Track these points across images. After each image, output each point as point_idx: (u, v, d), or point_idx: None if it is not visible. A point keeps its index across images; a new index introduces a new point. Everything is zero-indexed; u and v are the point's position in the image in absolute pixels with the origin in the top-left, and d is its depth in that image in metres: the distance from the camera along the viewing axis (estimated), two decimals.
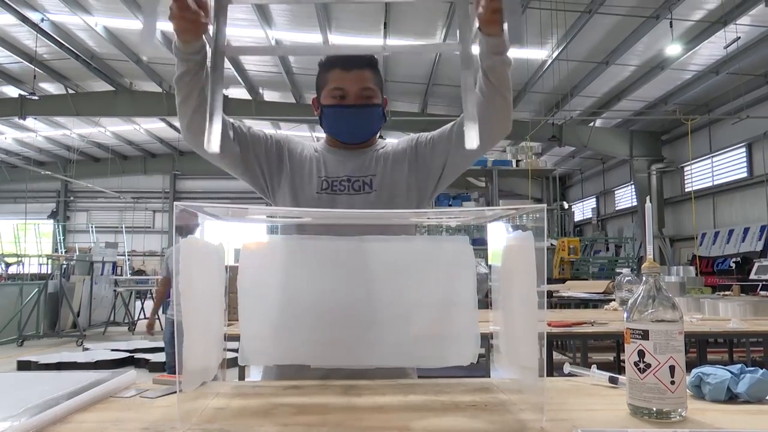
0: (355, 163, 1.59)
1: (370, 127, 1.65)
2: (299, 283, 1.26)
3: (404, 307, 1.26)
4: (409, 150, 1.65)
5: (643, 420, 0.91)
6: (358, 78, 1.58)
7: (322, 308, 1.25)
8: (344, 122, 1.62)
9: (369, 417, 0.96)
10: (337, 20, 9.59)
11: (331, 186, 1.55)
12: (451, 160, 1.60)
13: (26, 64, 11.70)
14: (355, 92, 1.58)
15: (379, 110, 1.64)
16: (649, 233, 1.01)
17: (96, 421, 0.93)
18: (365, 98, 1.59)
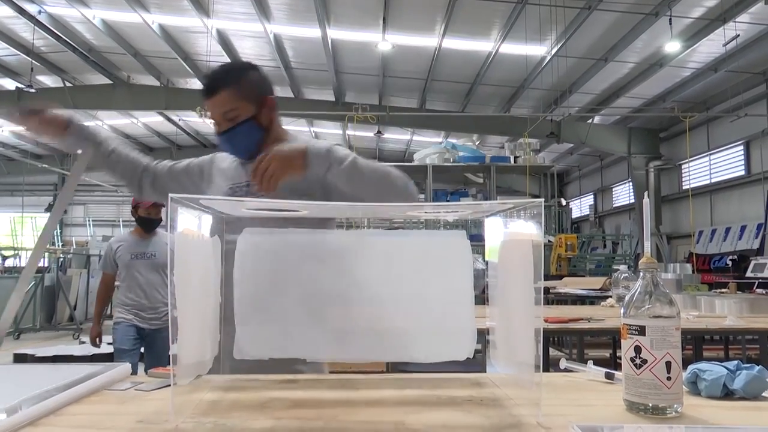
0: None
1: (247, 144, 1.63)
2: (295, 276, 1.25)
3: (401, 301, 1.26)
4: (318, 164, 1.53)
5: (639, 416, 0.91)
6: (217, 103, 1.58)
7: (318, 302, 1.25)
8: (226, 146, 1.64)
9: (364, 411, 0.96)
10: (335, 15, 9.56)
11: (234, 193, 1.61)
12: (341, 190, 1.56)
13: (23, 57, 11.63)
14: (218, 119, 1.59)
15: (249, 125, 1.61)
16: (647, 229, 1.00)
17: (90, 414, 0.93)
18: (229, 121, 1.58)
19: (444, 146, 12.68)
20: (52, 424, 0.87)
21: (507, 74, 11.56)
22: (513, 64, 10.97)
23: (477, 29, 9.74)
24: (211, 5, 9.35)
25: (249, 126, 1.61)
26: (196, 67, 12.31)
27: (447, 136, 15.32)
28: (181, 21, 10.27)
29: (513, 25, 9.28)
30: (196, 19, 9.83)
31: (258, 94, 1.65)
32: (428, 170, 12.00)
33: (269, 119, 1.67)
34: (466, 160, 12.48)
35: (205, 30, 10.22)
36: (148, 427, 0.86)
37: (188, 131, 18.16)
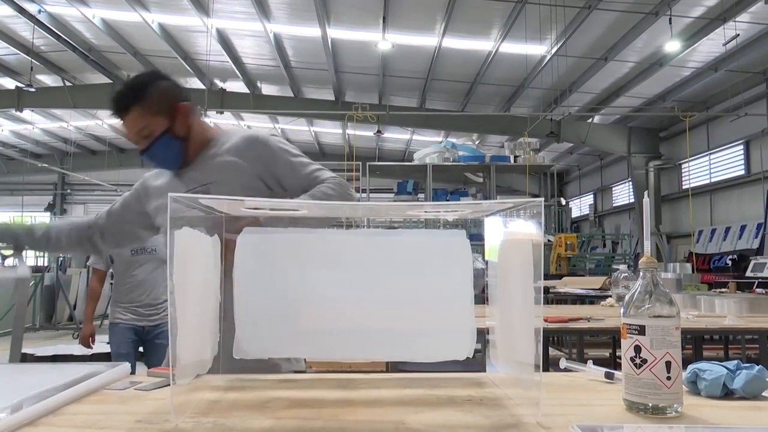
0: (191, 175, 1.65)
1: (170, 157, 1.64)
2: (295, 275, 1.25)
3: (400, 301, 1.25)
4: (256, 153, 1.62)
5: (639, 415, 0.91)
6: (129, 123, 1.58)
7: (318, 301, 1.25)
8: (152, 162, 1.65)
9: (364, 411, 0.96)
10: (335, 14, 9.56)
11: None
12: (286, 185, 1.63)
13: (23, 56, 11.62)
14: (134, 138, 1.60)
15: (167, 138, 1.60)
16: (647, 228, 1.00)
17: (89, 413, 0.93)
18: (145, 138, 1.58)
19: (444, 145, 12.67)
20: (51, 424, 0.86)
21: (507, 73, 11.56)
22: (513, 64, 10.96)
23: (477, 28, 9.73)
24: (211, 4, 9.34)
25: (166, 139, 1.60)
26: (196, 67, 12.31)
27: (447, 135, 15.32)
28: (180, 20, 10.26)
29: (513, 25, 9.27)
30: (196, 18, 9.83)
31: (168, 104, 1.62)
32: (428, 170, 12.00)
33: (185, 126, 1.64)
34: (466, 160, 12.48)
35: (205, 29, 10.21)
36: (148, 426, 0.85)
37: None
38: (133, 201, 1.78)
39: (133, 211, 1.78)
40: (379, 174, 14.17)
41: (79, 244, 1.81)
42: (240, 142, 1.66)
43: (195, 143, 1.67)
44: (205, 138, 1.69)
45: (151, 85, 1.60)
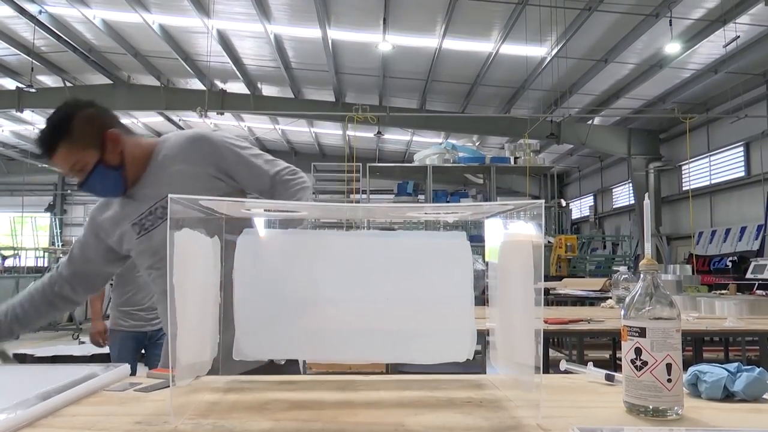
0: (143, 193, 1.60)
1: (108, 186, 1.59)
2: (296, 277, 1.25)
3: (400, 302, 1.25)
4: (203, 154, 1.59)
5: (640, 418, 0.90)
6: (59, 161, 1.53)
7: (318, 303, 1.24)
8: (91, 193, 1.60)
9: (364, 413, 0.96)
10: (336, 15, 9.56)
11: (143, 227, 1.58)
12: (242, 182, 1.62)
13: (24, 57, 11.63)
14: (67, 174, 1.58)
15: (100, 169, 1.55)
16: (647, 230, 1.00)
17: (88, 415, 0.93)
18: (80, 172, 1.54)
19: (444, 147, 12.68)
20: (50, 425, 0.86)
21: (507, 75, 11.56)
22: (513, 65, 10.96)
23: (477, 30, 9.74)
24: (212, 5, 9.35)
25: (101, 170, 1.55)
26: (197, 68, 12.31)
27: (447, 136, 15.32)
28: (181, 21, 10.27)
29: (513, 26, 9.27)
30: (197, 19, 9.83)
31: (95, 135, 1.55)
32: (428, 171, 12.01)
33: (118, 152, 1.57)
34: (466, 161, 12.49)
35: (206, 30, 10.22)
36: (147, 428, 0.85)
37: None
38: (91, 240, 1.70)
39: (94, 250, 1.70)
40: (380, 175, 14.19)
41: (51, 306, 1.70)
42: (183, 145, 1.61)
43: (134, 164, 1.60)
44: (143, 154, 1.62)
45: (74, 119, 1.53)
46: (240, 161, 1.60)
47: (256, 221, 1.27)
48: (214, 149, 1.59)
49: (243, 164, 1.60)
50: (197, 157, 1.58)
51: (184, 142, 1.61)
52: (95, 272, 1.73)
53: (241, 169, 1.60)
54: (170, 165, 1.58)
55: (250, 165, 1.61)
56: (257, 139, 18.71)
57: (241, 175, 1.60)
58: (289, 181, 1.63)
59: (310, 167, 14.54)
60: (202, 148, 1.59)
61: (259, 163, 1.63)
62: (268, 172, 1.62)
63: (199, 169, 1.56)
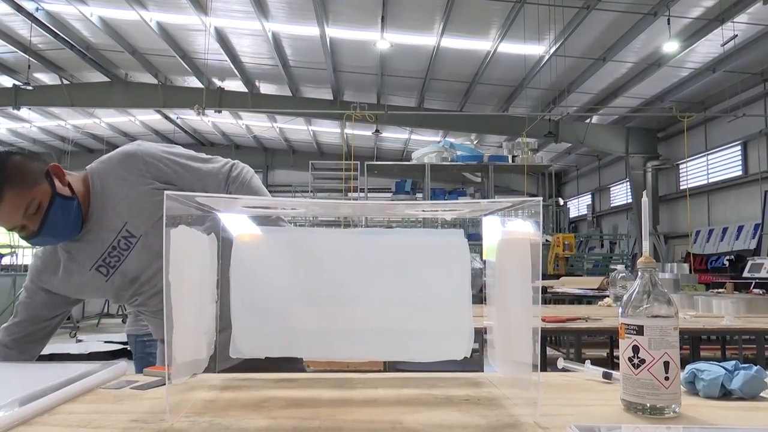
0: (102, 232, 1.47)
1: (69, 223, 1.41)
2: (293, 275, 1.25)
3: (398, 300, 1.25)
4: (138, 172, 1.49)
5: (637, 416, 0.90)
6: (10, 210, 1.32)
7: (315, 301, 1.24)
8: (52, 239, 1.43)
9: (361, 410, 0.95)
10: (334, 13, 9.55)
11: (109, 266, 1.48)
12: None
13: (21, 54, 11.60)
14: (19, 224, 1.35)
15: (59, 201, 1.38)
16: (646, 228, 1.00)
17: (84, 413, 0.92)
18: (33, 215, 1.35)
19: (442, 145, 12.69)
20: (46, 423, 0.86)
21: (505, 73, 11.56)
22: (511, 64, 10.97)
23: (475, 28, 9.73)
24: (210, 3, 9.33)
25: (59, 203, 1.38)
26: (194, 65, 12.29)
27: (445, 135, 15.33)
28: (179, 19, 10.25)
29: (511, 25, 9.27)
30: (194, 16, 9.81)
31: (39, 170, 1.39)
32: (426, 169, 12.01)
33: (66, 184, 1.43)
34: (464, 159, 12.49)
35: (203, 28, 10.20)
36: (143, 426, 0.85)
37: (186, 129, 18.13)
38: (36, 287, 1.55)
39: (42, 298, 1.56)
40: (377, 173, 14.19)
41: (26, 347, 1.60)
42: (117, 169, 1.49)
43: (81, 199, 1.45)
44: (83, 189, 1.48)
45: (8, 161, 1.34)
46: (178, 168, 1.51)
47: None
48: (148, 164, 1.49)
49: (183, 171, 1.52)
50: (134, 176, 1.47)
51: (117, 166, 1.49)
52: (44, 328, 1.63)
53: (184, 176, 1.51)
54: (113, 193, 1.47)
55: (191, 170, 1.52)
56: (255, 138, 18.70)
57: (184, 182, 1.50)
58: (238, 175, 1.56)
59: (308, 165, 14.54)
60: (136, 166, 1.48)
61: (198, 166, 1.54)
62: (211, 172, 1.54)
63: (142, 187, 1.46)
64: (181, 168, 1.51)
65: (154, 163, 1.49)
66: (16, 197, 1.31)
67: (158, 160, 1.49)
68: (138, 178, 1.47)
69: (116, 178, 1.48)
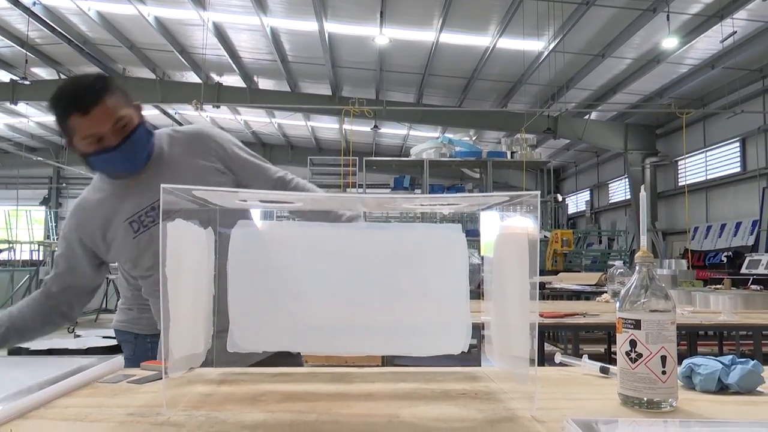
0: (150, 186, 1.46)
1: (144, 152, 1.48)
2: (291, 269, 1.24)
3: (396, 294, 1.25)
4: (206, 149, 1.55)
5: (634, 410, 0.90)
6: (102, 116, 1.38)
7: (313, 295, 1.24)
8: (119, 163, 1.45)
9: (358, 405, 0.95)
10: (333, 8, 9.53)
11: (141, 224, 1.48)
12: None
13: (18, 49, 11.56)
14: (109, 131, 1.40)
15: (141, 130, 1.46)
16: (644, 222, 1.00)
17: (80, 406, 0.92)
18: (122, 130, 1.41)
19: (441, 141, 12.70)
20: (42, 417, 0.86)
21: (504, 69, 11.55)
22: (510, 60, 10.95)
23: (474, 24, 9.71)
24: None
25: (140, 132, 1.44)
26: (193, 60, 12.26)
27: (444, 130, 15.31)
28: (177, 13, 10.21)
29: (511, 20, 9.26)
30: (192, 11, 9.78)
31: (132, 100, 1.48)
32: (425, 165, 12.02)
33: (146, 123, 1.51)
34: (463, 155, 12.50)
35: (202, 23, 10.17)
36: (140, 419, 0.85)
37: (184, 125, 18.09)
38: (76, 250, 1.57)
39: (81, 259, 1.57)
40: (376, 169, 14.19)
41: (48, 321, 1.59)
42: (189, 139, 1.56)
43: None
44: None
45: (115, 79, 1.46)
46: (241, 159, 1.59)
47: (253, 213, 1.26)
48: (219, 146, 1.56)
49: (244, 163, 1.59)
50: (203, 151, 1.53)
51: (189, 137, 1.57)
52: (84, 284, 1.64)
53: (248, 168, 1.58)
54: (176, 160, 1.52)
55: (251, 164, 1.60)
56: (254, 133, 18.66)
57: (242, 174, 1.57)
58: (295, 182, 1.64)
59: (306, 161, 14.53)
60: (207, 143, 1.55)
61: (258, 163, 1.63)
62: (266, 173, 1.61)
63: (207, 163, 1.52)
64: (243, 160, 1.58)
65: (223, 146, 1.56)
66: (112, 106, 1.39)
67: (227, 145, 1.57)
68: (205, 154, 1.53)
69: (185, 148, 1.54)
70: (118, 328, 2.90)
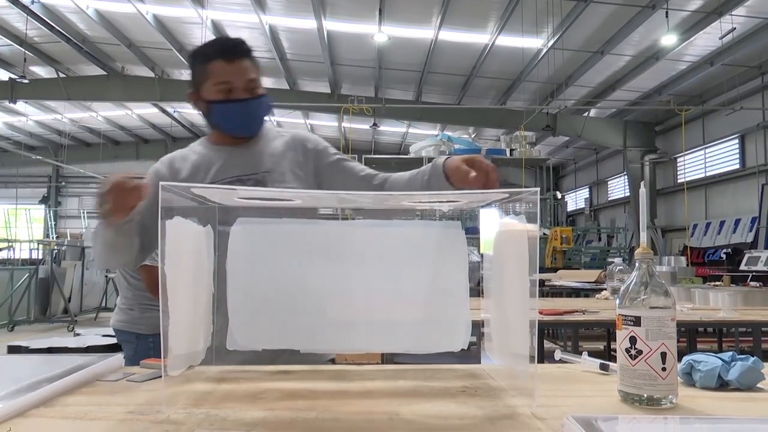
0: (244, 160, 1.54)
1: (260, 119, 1.57)
2: (290, 266, 1.24)
3: (395, 292, 1.25)
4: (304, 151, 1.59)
5: (634, 407, 0.90)
6: (242, 69, 1.49)
7: (312, 293, 1.24)
8: (236, 117, 1.52)
9: (358, 402, 0.95)
10: (331, 6, 9.52)
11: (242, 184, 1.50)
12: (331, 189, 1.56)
13: (16, 47, 11.53)
14: (242, 85, 1.49)
15: (266, 100, 1.56)
16: (644, 219, 0.99)
17: (80, 405, 0.92)
18: (252, 90, 1.50)
19: (440, 139, 12.70)
20: (42, 415, 0.86)
21: (503, 67, 11.54)
22: (509, 57, 10.94)
23: (473, 21, 9.70)
24: None
25: (265, 101, 1.55)
26: None
27: (443, 128, 15.30)
28: (175, 11, 10.20)
29: (509, 18, 9.25)
30: (191, 9, 9.76)
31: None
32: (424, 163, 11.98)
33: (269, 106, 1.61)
34: (462, 153, 12.47)
35: (200, 21, 10.15)
36: (140, 417, 0.85)
37: (183, 123, 18.07)
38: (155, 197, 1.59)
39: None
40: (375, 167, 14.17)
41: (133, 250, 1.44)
42: (293, 138, 1.61)
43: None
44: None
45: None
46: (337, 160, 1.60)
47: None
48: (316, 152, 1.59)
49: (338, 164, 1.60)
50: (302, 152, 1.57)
51: (294, 137, 1.62)
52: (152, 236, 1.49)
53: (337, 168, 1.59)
54: (280, 149, 1.57)
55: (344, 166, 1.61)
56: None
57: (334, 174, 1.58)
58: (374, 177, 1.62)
59: None
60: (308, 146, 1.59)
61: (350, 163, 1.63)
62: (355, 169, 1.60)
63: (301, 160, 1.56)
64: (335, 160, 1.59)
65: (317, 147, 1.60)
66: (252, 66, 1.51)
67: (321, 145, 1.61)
68: (305, 152, 1.57)
69: (288, 142, 1.59)
70: (119, 327, 2.84)
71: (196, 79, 1.53)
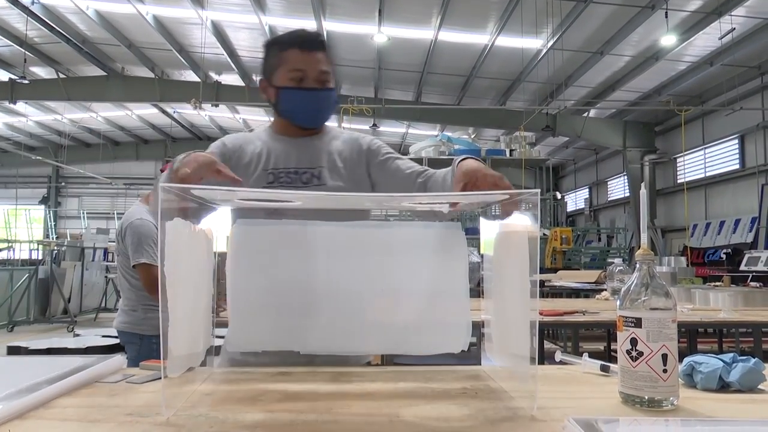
0: (303, 153, 1.54)
1: (327, 112, 1.58)
2: (289, 268, 1.24)
3: (396, 293, 1.24)
4: (359, 151, 1.59)
5: (635, 408, 0.90)
6: (316, 60, 1.50)
7: (313, 294, 1.23)
8: (304, 106, 1.54)
9: (358, 404, 0.95)
10: (331, 6, 9.51)
11: (277, 179, 1.50)
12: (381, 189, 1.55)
13: (16, 48, 11.52)
14: (314, 75, 1.50)
15: (334, 94, 1.57)
16: (644, 220, 0.99)
17: (80, 406, 0.92)
18: (323, 82, 1.52)
19: (439, 139, 12.69)
20: (41, 417, 0.85)
21: (503, 67, 11.54)
22: (509, 57, 10.94)
23: (473, 22, 9.70)
24: None
25: (334, 95, 1.56)
26: (191, 59, 12.24)
27: (443, 129, 15.30)
28: (175, 12, 10.20)
29: (509, 18, 9.24)
30: (191, 10, 9.76)
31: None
32: (424, 163, 11.97)
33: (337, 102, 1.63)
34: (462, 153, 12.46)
35: (200, 21, 10.15)
36: (139, 419, 0.84)
37: (183, 123, 18.07)
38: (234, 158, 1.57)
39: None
40: None
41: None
42: (349, 136, 1.63)
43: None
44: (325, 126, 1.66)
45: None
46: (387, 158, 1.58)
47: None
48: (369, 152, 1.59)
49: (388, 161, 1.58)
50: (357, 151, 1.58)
51: (351, 136, 1.64)
52: None
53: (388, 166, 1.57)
54: (338, 147, 1.57)
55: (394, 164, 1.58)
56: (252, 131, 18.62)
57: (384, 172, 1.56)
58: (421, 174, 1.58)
59: None
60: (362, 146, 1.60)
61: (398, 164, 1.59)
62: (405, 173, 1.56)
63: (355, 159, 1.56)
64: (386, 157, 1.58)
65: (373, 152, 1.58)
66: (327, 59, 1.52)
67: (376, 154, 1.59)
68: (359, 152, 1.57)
69: (346, 141, 1.59)
70: (122, 329, 2.81)
71: (270, 66, 1.54)
